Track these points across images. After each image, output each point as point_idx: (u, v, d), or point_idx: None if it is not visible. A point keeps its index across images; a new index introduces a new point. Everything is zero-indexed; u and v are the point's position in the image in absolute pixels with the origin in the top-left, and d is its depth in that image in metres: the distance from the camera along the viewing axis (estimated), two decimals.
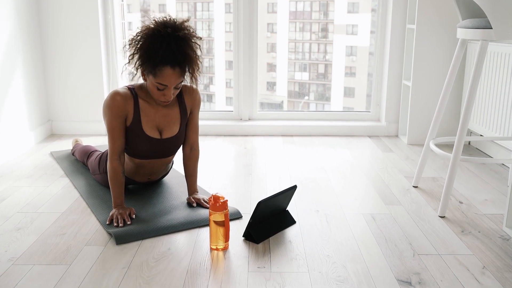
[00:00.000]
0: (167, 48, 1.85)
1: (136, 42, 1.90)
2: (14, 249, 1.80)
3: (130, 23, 3.95)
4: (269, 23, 3.72)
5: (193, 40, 1.93)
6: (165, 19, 1.91)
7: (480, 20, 2.00)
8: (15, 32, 2.98)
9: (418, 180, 2.47)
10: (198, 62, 1.95)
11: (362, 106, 3.79)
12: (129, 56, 1.95)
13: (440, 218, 2.09)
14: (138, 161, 2.15)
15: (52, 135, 3.42)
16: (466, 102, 2.04)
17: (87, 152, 2.61)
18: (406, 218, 2.09)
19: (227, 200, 1.78)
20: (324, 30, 3.77)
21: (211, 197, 1.78)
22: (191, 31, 1.93)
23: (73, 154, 2.86)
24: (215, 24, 3.81)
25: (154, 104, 2.06)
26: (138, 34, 1.92)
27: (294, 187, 2.00)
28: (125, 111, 2.02)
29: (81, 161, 2.69)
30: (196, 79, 1.99)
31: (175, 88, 1.96)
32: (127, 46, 1.94)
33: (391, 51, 3.34)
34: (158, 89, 1.94)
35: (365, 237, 1.91)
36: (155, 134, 2.08)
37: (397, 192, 2.39)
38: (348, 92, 3.87)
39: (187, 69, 1.94)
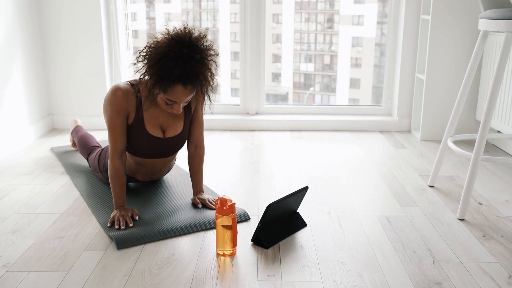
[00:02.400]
0: (181, 69, 1.70)
1: (149, 61, 1.74)
2: (9, 254, 1.70)
3: (134, 13, 3.84)
4: (275, 14, 3.65)
5: (209, 59, 1.77)
6: (180, 32, 1.73)
7: (504, 10, 1.87)
8: (13, 22, 2.86)
9: (434, 179, 2.35)
10: (212, 81, 1.79)
11: (368, 97, 3.72)
12: (140, 75, 1.79)
13: (459, 221, 1.98)
14: (139, 159, 2.05)
15: (53, 130, 3.32)
16: (488, 98, 1.92)
17: (88, 147, 2.50)
18: (423, 220, 1.98)
19: (234, 203, 1.67)
20: (330, 20, 3.72)
21: (217, 199, 1.67)
22: (208, 50, 1.76)
23: (73, 140, 2.76)
24: (220, 15, 3.73)
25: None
26: (150, 50, 1.74)
27: (306, 188, 1.89)
28: (127, 108, 1.91)
29: (81, 154, 2.59)
30: (209, 97, 1.85)
31: (185, 102, 1.84)
32: (138, 59, 1.78)
33: (404, 42, 3.21)
34: (167, 104, 1.82)
35: (381, 242, 1.80)
36: (158, 133, 1.97)
37: (412, 192, 2.27)
38: (354, 83, 3.81)
39: (199, 87, 1.80)
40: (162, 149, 2.02)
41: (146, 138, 1.96)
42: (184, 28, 1.77)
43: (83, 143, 2.55)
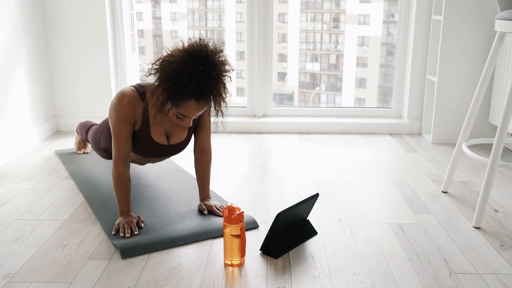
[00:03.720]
0: (196, 86, 1.62)
1: (162, 75, 1.65)
2: (11, 263, 1.65)
3: (140, 13, 3.80)
4: (281, 13, 3.62)
5: (224, 74, 1.69)
6: (196, 46, 1.64)
7: None
8: (17, 23, 2.82)
9: (448, 185, 2.28)
10: (225, 95, 1.71)
11: (374, 97, 3.69)
12: (153, 90, 1.71)
13: (475, 229, 1.91)
14: (139, 156, 2.05)
15: (57, 132, 3.27)
16: (506, 102, 1.85)
17: (87, 128, 2.51)
18: (437, 229, 1.91)
19: (243, 212, 1.61)
20: (336, 20, 3.68)
21: (225, 208, 1.62)
22: (224, 65, 1.68)
23: (77, 144, 2.77)
24: (226, 14, 3.69)
25: None
26: (165, 64, 1.65)
27: (316, 196, 1.83)
28: (133, 117, 1.85)
29: (82, 138, 2.60)
30: (222, 113, 1.75)
31: (196, 115, 1.78)
32: (151, 71, 1.70)
33: (415, 43, 3.14)
34: (178, 117, 1.76)
35: (394, 252, 1.73)
36: (162, 140, 1.93)
37: (425, 199, 2.21)
38: (360, 83, 3.78)
39: (212, 102, 1.72)
40: (164, 153, 1.99)
41: (150, 143, 1.91)
42: (200, 40, 1.68)
43: (83, 128, 2.56)
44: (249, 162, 2.69)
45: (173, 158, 2.71)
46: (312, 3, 3.74)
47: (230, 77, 1.71)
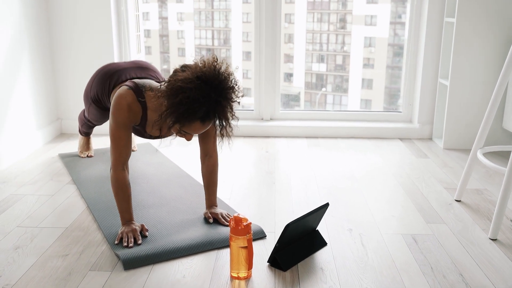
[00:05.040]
0: (205, 111, 1.57)
1: (176, 102, 1.57)
2: (9, 274, 1.59)
3: (147, 13, 3.77)
4: (287, 14, 3.60)
5: (233, 100, 1.64)
6: (209, 72, 1.57)
7: None
8: (21, 23, 2.77)
9: (461, 193, 2.21)
10: (232, 118, 1.66)
11: (380, 98, 3.66)
12: (163, 111, 1.63)
13: (491, 241, 1.84)
14: None
15: (61, 135, 3.22)
16: None
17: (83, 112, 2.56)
18: (452, 240, 1.84)
19: (250, 223, 1.55)
20: (342, 20, 3.67)
21: (232, 218, 1.55)
22: (234, 91, 1.62)
23: (81, 147, 2.76)
24: (233, 14, 3.66)
25: None
26: (177, 88, 1.57)
27: (326, 206, 1.76)
28: (133, 120, 1.82)
29: (81, 120, 2.60)
30: (227, 133, 1.68)
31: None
32: (160, 91, 1.65)
33: (426, 46, 3.06)
34: (180, 132, 1.70)
35: (407, 265, 1.66)
36: (156, 133, 1.95)
37: (438, 208, 2.14)
38: (366, 84, 3.75)
39: (217, 123, 1.67)
40: (153, 138, 2.02)
41: (142, 134, 1.96)
42: (213, 62, 1.61)
43: (80, 114, 2.62)
44: (256, 168, 2.63)
45: (177, 162, 2.65)
46: (319, 3, 3.70)
47: (239, 102, 1.66)
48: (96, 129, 3.05)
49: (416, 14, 3.11)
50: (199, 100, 1.54)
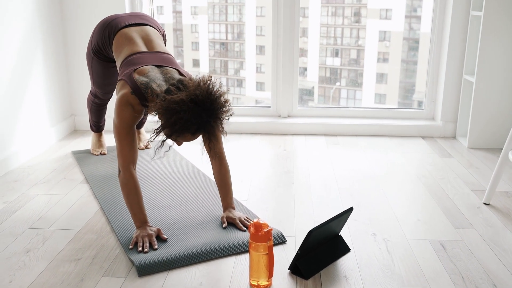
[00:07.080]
0: (196, 128, 1.63)
1: (171, 123, 1.62)
2: (20, 279, 1.53)
3: (161, 7, 3.72)
4: (302, 7, 3.53)
5: (223, 118, 1.68)
6: (202, 95, 1.61)
7: None
8: (34, 19, 2.70)
9: (490, 196, 2.10)
10: (222, 132, 1.71)
11: (395, 93, 3.60)
12: (158, 127, 1.68)
13: None
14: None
15: (75, 131, 3.16)
16: None
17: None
18: (483, 247, 1.74)
19: (271, 229, 1.47)
20: (357, 14, 3.59)
21: (251, 224, 1.47)
22: (225, 111, 1.67)
23: (93, 144, 2.73)
24: (246, 8, 3.61)
25: None
26: (171, 110, 1.61)
27: (350, 210, 1.68)
28: (137, 119, 1.81)
29: (89, 101, 2.59)
30: (213, 144, 1.80)
31: None
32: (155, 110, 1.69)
33: (451, 41, 2.95)
34: (172, 139, 1.71)
35: (436, 273, 1.57)
36: None
37: (466, 211, 2.03)
38: (381, 79, 3.66)
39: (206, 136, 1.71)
40: None
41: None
42: (208, 81, 1.65)
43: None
44: (274, 167, 2.54)
45: (191, 160, 2.58)
46: None
47: (228, 119, 1.70)
48: (108, 125, 2.99)
49: (440, 7, 2.99)
50: (191, 121, 1.60)
